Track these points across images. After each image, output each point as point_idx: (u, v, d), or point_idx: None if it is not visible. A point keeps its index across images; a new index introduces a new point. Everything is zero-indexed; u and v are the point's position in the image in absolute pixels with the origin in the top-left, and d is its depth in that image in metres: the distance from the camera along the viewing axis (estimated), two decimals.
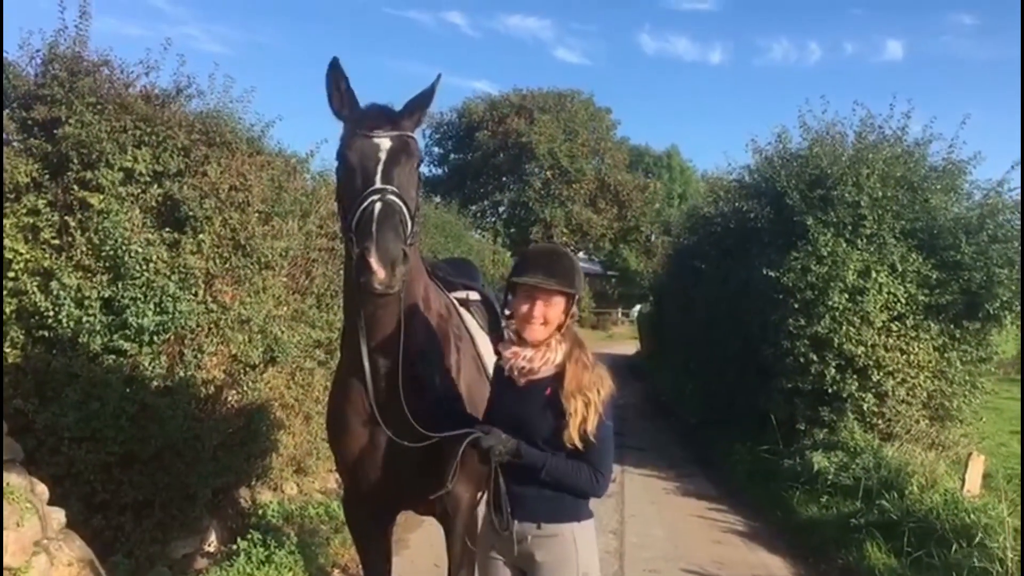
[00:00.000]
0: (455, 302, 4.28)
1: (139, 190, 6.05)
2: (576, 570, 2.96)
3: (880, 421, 10.41)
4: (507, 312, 3.15)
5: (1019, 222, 10.71)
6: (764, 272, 10.64)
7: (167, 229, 6.17)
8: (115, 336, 5.74)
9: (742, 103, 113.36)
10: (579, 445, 2.86)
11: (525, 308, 2.94)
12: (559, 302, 2.95)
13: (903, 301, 10.45)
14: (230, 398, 6.63)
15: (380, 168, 3.11)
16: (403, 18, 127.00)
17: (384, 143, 3.16)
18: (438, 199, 29.19)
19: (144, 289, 5.80)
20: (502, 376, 3.08)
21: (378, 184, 3.06)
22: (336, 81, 3.36)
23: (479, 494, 2.97)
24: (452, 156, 45.84)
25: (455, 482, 3.11)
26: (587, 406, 2.88)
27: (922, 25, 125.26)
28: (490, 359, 3.92)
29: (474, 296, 4.50)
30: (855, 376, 10.35)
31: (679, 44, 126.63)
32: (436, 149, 45.08)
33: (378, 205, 2.97)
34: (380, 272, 2.86)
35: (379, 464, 3.59)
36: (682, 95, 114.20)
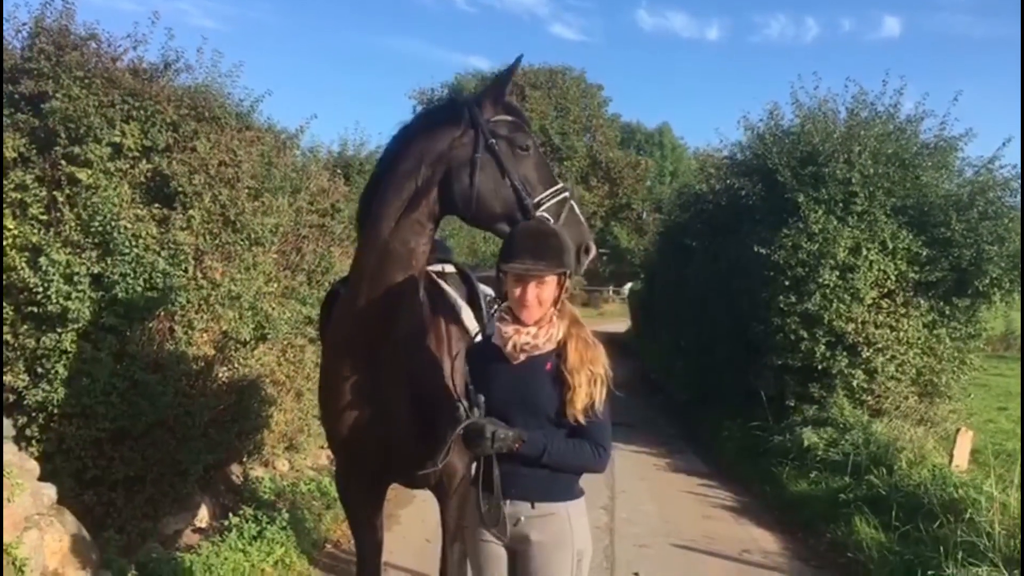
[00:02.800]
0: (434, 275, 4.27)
1: (128, 165, 6.00)
2: (572, 548, 2.95)
3: (869, 397, 10.47)
4: (500, 295, 3.13)
5: (1010, 199, 10.75)
6: (755, 249, 10.63)
7: (156, 205, 6.13)
8: (105, 312, 5.71)
9: (737, 80, 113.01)
10: (582, 420, 2.86)
11: (518, 292, 2.91)
12: (551, 281, 2.92)
13: (893, 278, 10.48)
14: (221, 375, 6.62)
15: None
16: None
17: None
18: None
19: (134, 265, 5.76)
20: (489, 352, 3.04)
21: None
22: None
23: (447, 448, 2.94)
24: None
25: (447, 458, 3.10)
26: (591, 382, 2.87)
27: (920, 1, 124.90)
28: (474, 330, 3.92)
29: (449, 268, 4.48)
30: (845, 353, 10.40)
31: (677, 20, 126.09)
32: None
33: None
34: None
35: (371, 438, 3.59)
36: (678, 72, 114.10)
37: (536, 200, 3.31)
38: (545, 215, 3.28)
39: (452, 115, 3.37)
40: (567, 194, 3.41)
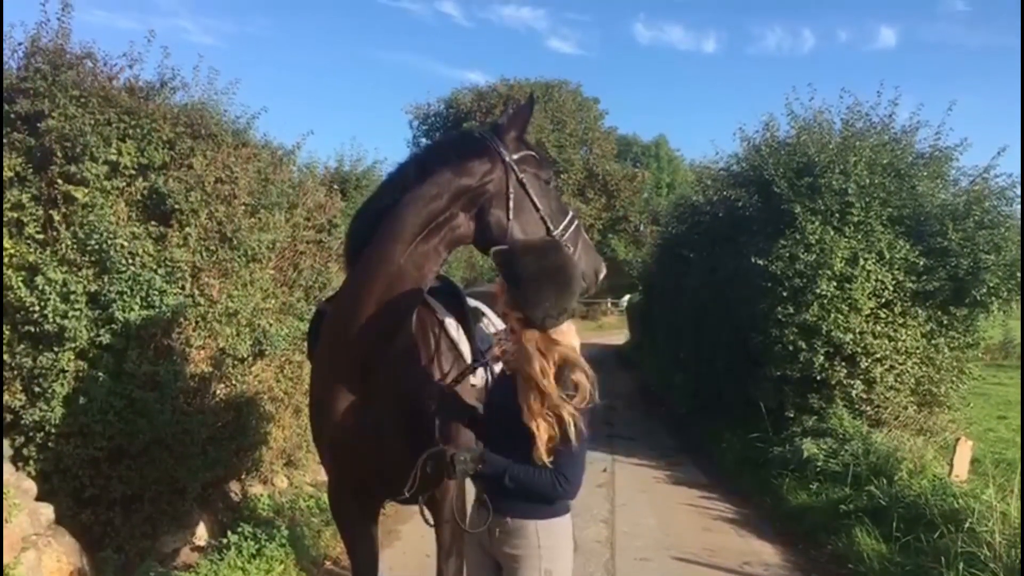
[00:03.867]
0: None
1: (124, 183, 6.02)
2: (539, 565, 2.94)
3: (868, 407, 10.44)
4: (503, 315, 3.14)
5: (1005, 208, 10.77)
6: (752, 260, 10.64)
7: (153, 222, 6.15)
8: (101, 331, 5.71)
9: (734, 92, 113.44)
10: (546, 462, 2.81)
11: (517, 332, 2.95)
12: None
13: (890, 288, 10.48)
14: (219, 392, 6.61)
15: None
16: (397, 8, 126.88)
17: None
18: None
19: (130, 283, 5.77)
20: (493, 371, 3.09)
21: None
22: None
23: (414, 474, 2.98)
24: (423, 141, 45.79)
25: (414, 488, 3.09)
26: (552, 426, 2.80)
27: (915, 11, 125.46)
28: (464, 347, 3.94)
29: (436, 283, 4.48)
30: (843, 363, 10.38)
31: (673, 33, 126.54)
32: (424, 140, 44.88)
33: None
34: None
35: (363, 454, 3.61)
36: (675, 85, 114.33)
37: (557, 231, 3.46)
38: (568, 245, 3.41)
39: (480, 149, 3.44)
40: (578, 221, 3.59)
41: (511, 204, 3.38)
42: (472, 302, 4.25)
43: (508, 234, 3.37)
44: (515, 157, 3.44)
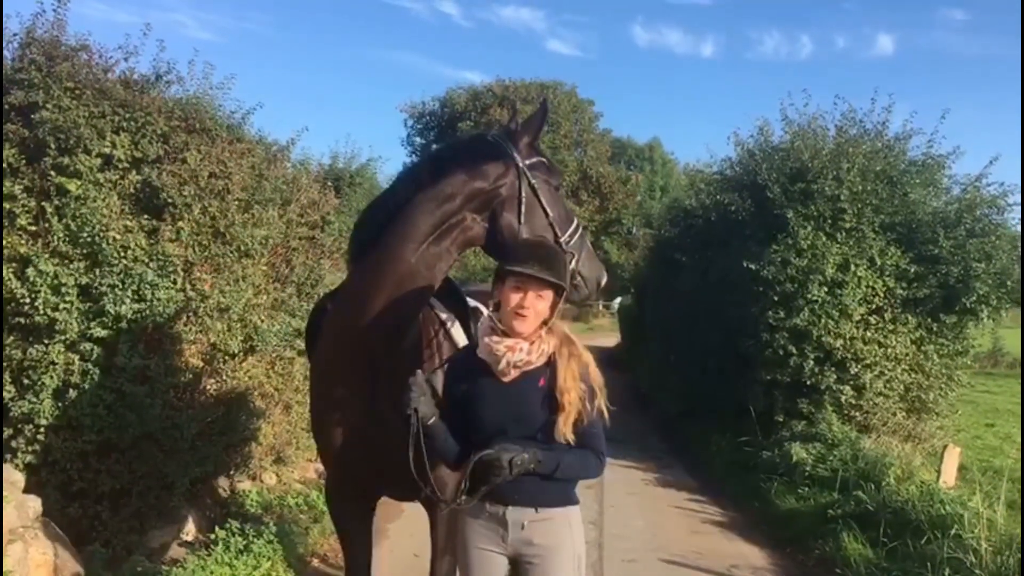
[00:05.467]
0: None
1: (117, 176, 6.00)
2: (572, 551, 3.00)
3: (858, 413, 10.48)
4: (493, 303, 3.13)
5: (996, 217, 10.84)
6: (744, 265, 10.67)
7: (145, 216, 6.13)
8: (92, 324, 5.69)
9: (731, 96, 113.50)
10: (571, 439, 2.88)
11: (517, 298, 2.92)
12: (548, 296, 2.95)
13: (881, 294, 10.53)
14: (209, 387, 6.60)
15: None
16: (396, 7, 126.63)
17: None
18: None
19: (122, 276, 5.75)
20: (474, 366, 3.03)
21: None
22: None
23: (463, 481, 2.94)
24: (435, 146, 45.69)
25: (466, 489, 3.08)
26: (583, 399, 2.90)
27: (914, 19, 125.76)
28: (463, 343, 3.94)
29: None
30: (833, 368, 10.42)
31: (672, 36, 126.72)
32: (418, 139, 44.83)
33: None
34: None
35: (364, 452, 3.60)
36: (672, 88, 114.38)
37: (564, 238, 3.49)
38: (573, 252, 3.49)
39: (494, 153, 3.47)
40: (583, 228, 3.64)
41: (523, 208, 3.42)
42: (471, 302, 4.25)
43: (517, 237, 3.40)
44: (528, 162, 3.47)
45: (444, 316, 4.02)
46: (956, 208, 10.91)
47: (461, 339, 3.98)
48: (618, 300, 42.33)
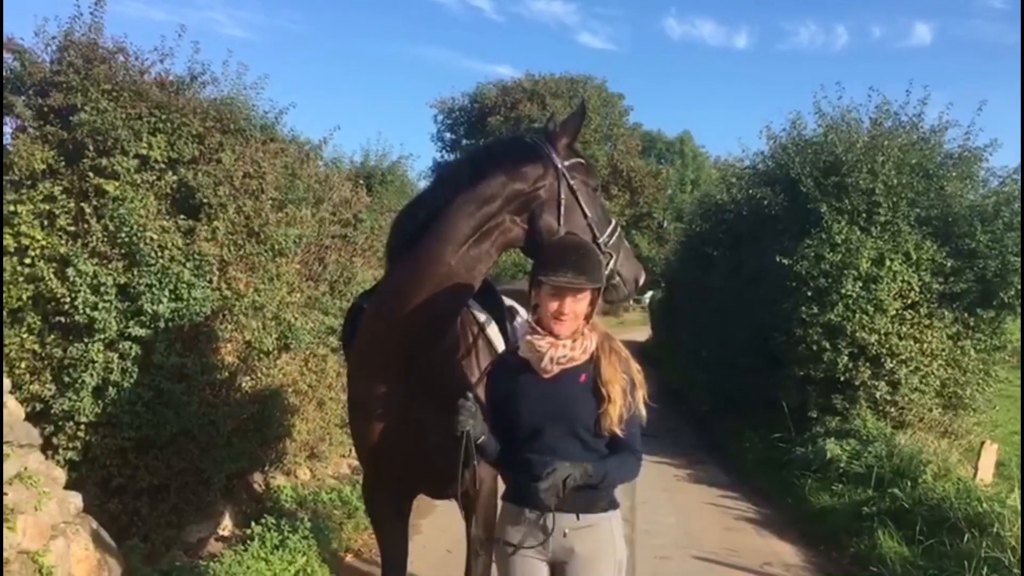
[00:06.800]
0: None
1: (154, 177, 6.09)
2: (614, 558, 3.00)
3: (893, 409, 10.38)
4: (532, 306, 3.11)
5: None
6: (777, 260, 10.60)
7: (182, 216, 6.21)
8: (131, 323, 5.78)
9: (765, 88, 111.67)
10: (618, 432, 2.89)
11: (555, 305, 2.91)
12: (586, 296, 2.95)
13: (917, 289, 10.41)
14: (244, 384, 6.67)
15: None
16: (429, 2, 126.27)
17: None
18: None
19: (159, 276, 5.84)
20: (516, 366, 3.03)
21: None
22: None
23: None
24: (464, 141, 45.68)
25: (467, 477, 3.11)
26: (626, 392, 2.91)
27: (951, 7, 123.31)
28: (500, 346, 3.94)
29: None
30: (868, 364, 10.32)
31: (705, 28, 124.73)
32: (448, 135, 44.88)
33: None
34: None
35: (402, 450, 3.61)
36: (705, 80, 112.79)
37: (603, 239, 3.48)
38: (611, 252, 3.49)
39: (533, 154, 3.46)
40: (620, 229, 3.65)
41: (562, 210, 3.40)
42: (507, 301, 4.25)
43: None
44: (566, 164, 3.46)
45: (482, 318, 4.03)
46: (994, 201, 10.75)
47: (498, 340, 3.99)
48: (649, 294, 42.12)
